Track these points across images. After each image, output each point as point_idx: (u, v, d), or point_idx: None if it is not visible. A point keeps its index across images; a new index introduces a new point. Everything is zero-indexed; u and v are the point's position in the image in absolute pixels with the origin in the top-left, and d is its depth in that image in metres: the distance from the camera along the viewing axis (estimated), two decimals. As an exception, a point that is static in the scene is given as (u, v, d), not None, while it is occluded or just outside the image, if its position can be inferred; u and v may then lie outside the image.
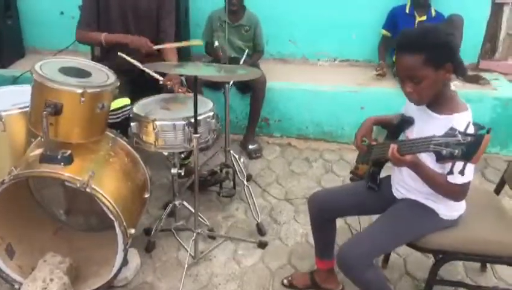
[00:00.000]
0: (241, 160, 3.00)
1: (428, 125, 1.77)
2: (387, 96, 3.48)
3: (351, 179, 2.23)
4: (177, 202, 2.61)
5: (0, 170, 2.47)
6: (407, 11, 3.66)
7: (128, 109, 2.60)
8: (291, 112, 3.72)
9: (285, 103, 3.70)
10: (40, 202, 2.57)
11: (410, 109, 1.90)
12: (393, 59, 3.79)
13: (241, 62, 3.03)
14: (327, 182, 3.21)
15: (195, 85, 2.19)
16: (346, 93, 3.63)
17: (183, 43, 3.04)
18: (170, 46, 2.84)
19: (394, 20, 3.71)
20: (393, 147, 1.71)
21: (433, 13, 3.63)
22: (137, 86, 2.82)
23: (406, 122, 1.90)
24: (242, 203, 2.94)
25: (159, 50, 2.81)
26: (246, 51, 3.21)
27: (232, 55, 3.47)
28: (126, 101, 2.67)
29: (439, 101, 1.76)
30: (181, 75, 2.72)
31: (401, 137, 1.94)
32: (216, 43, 2.93)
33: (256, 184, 3.13)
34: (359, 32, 4.01)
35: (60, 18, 4.23)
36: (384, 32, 3.81)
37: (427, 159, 1.74)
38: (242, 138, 3.59)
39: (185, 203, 2.63)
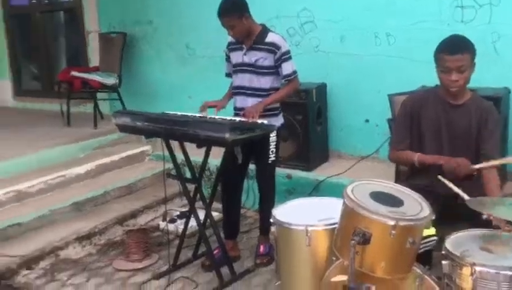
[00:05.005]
0: None
1: None
2: None
3: None
4: None
5: (300, 280, 2.52)
6: None
7: (433, 241, 2.31)
8: None
9: None
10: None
11: None
12: None
13: None
14: None
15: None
16: None
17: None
18: (492, 164, 2.47)
19: None
20: None
21: None
22: (447, 210, 2.51)
23: None
24: None
25: (478, 172, 2.48)
26: None
27: None
28: (431, 231, 2.37)
29: None
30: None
31: None
32: None
33: None
34: None
35: (365, 125, 4.32)
36: None
37: None
38: None
39: None
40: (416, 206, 2.09)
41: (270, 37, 3.25)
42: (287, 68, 3.26)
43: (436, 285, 2.09)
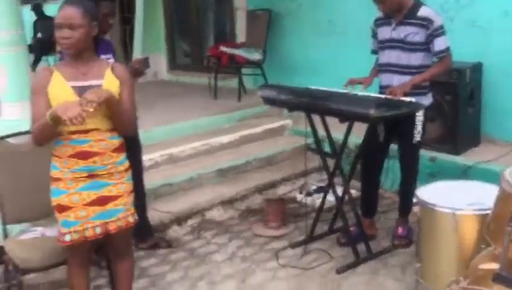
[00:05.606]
0: None
1: None
2: None
3: None
4: None
5: (443, 263, 2.43)
6: None
7: None
8: None
9: None
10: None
11: None
12: None
13: None
14: None
15: None
16: None
17: None
18: None
19: None
20: None
21: None
22: None
23: None
24: None
25: None
26: None
27: None
28: None
29: None
30: None
31: None
32: None
33: None
34: None
35: (525, 110, 3.94)
36: None
37: None
38: None
39: None
40: None
41: (423, 11, 3.10)
42: (439, 44, 3.08)
43: None
